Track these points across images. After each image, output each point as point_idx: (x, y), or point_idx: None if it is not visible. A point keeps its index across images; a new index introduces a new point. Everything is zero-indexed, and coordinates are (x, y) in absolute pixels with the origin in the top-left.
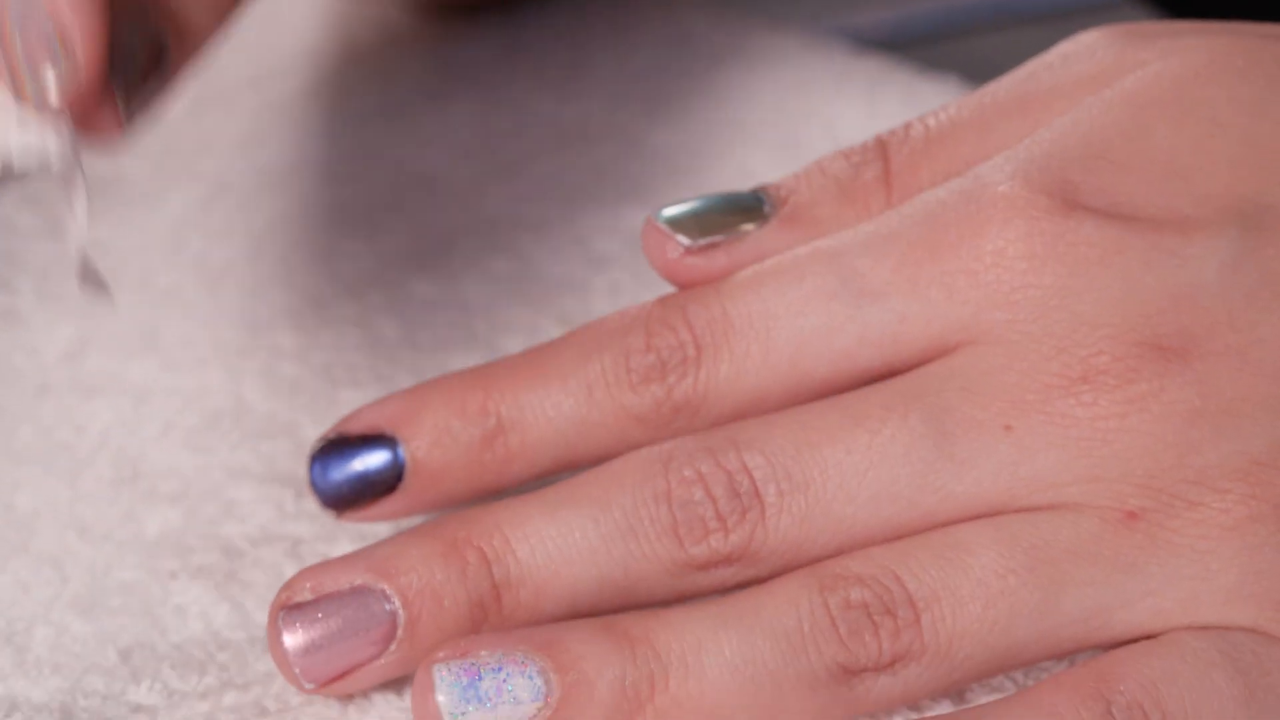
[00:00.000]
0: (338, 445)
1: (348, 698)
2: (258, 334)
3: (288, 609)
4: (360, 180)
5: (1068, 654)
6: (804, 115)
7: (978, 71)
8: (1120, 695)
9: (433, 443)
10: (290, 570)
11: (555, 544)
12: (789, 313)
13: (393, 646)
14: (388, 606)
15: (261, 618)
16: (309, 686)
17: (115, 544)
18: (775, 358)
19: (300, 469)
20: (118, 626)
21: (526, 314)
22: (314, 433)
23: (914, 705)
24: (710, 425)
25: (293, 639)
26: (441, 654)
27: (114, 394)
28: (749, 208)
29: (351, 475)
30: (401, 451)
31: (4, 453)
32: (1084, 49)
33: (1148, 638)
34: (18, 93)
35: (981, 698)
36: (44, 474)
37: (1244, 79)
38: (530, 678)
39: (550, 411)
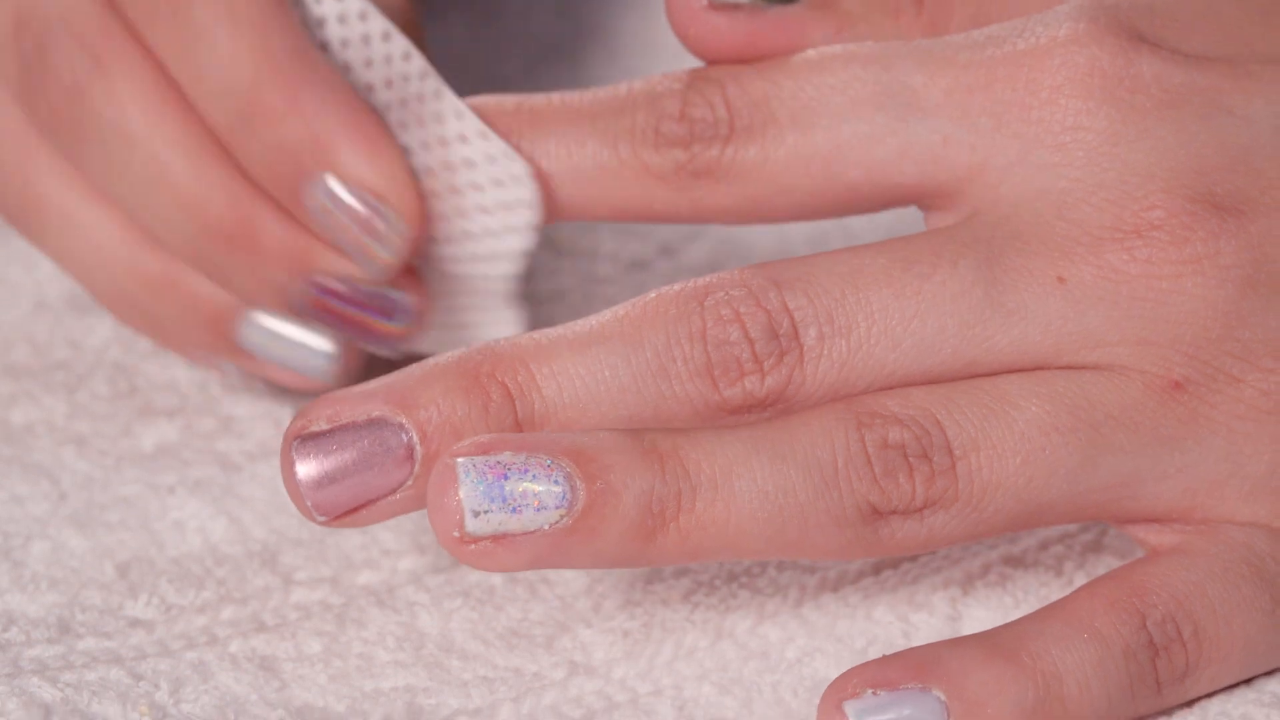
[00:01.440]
0: None
1: (343, 613)
2: None
3: (302, 439)
4: None
5: (1090, 519)
6: None
7: None
8: (1154, 609)
9: None
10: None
11: (583, 382)
12: (833, 114)
13: (408, 482)
14: (404, 439)
15: (259, 533)
16: (320, 519)
17: (113, 459)
18: (809, 152)
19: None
20: (115, 541)
21: None
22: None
23: (931, 550)
24: (729, 200)
25: (305, 469)
26: (464, 448)
27: None
28: None
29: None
30: None
31: (1, 368)
32: None
33: (1169, 518)
34: (358, 263)
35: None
36: (41, 389)
37: None
38: (556, 483)
39: (573, 149)
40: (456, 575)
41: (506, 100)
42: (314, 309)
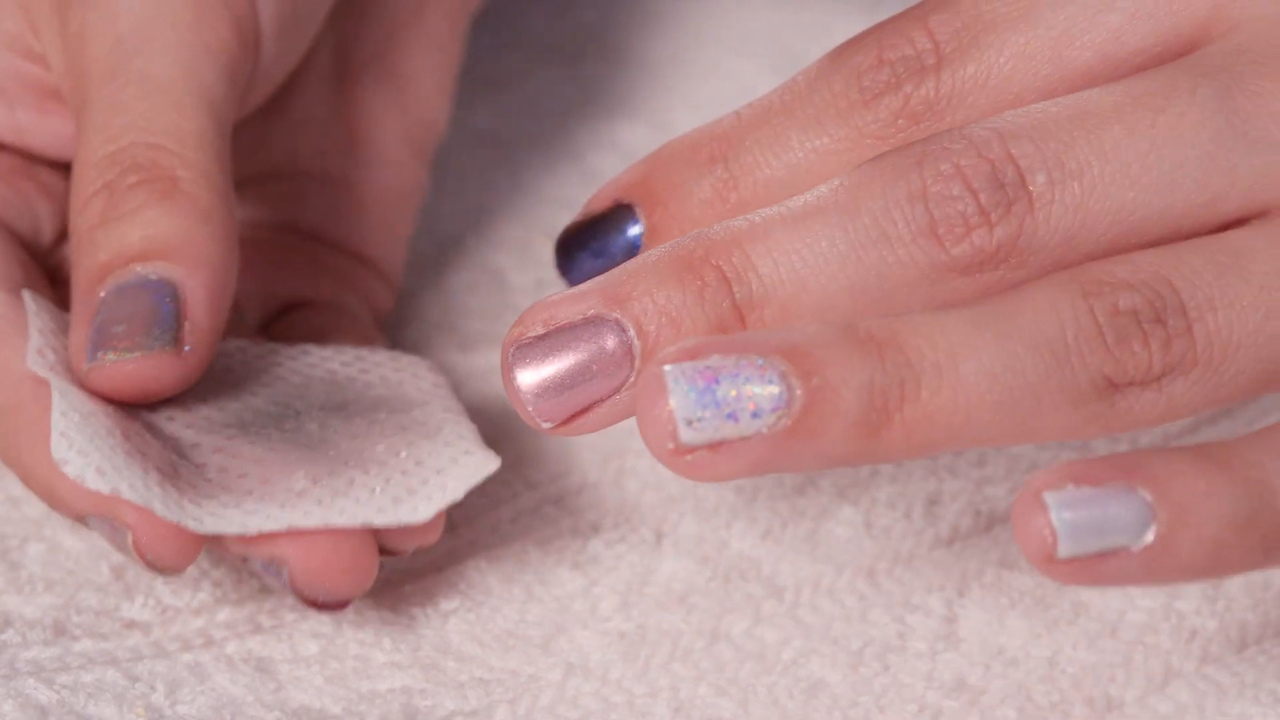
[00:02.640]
0: (581, 227)
1: (340, 613)
2: None
3: (519, 345)
4: None
5: None
6: (798, 27)
7: None
8: None
9: (667, 201)
10: None
11: (800, 256)
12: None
13: (631, 378)
14: (621, 335)
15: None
16: (546, 426)
17: None
18: (1034, 48)
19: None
20: None
21: (518, 230)
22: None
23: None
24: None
25: (524, 377)
26: (671, 354)
27: None
28: None
29: (593, 250)
30: (639, 217)
31: None
32: None
33: None
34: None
35: None
36: None
37: None
38: (770, 383)
39: (778, 148)
40: (454, 576)
41: (692, 133)
42: None
